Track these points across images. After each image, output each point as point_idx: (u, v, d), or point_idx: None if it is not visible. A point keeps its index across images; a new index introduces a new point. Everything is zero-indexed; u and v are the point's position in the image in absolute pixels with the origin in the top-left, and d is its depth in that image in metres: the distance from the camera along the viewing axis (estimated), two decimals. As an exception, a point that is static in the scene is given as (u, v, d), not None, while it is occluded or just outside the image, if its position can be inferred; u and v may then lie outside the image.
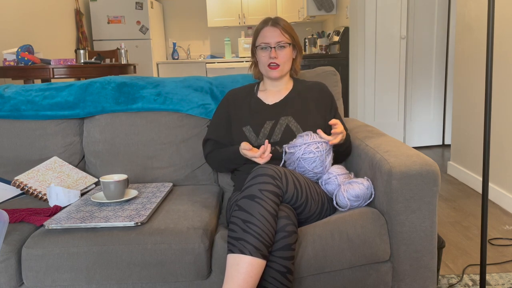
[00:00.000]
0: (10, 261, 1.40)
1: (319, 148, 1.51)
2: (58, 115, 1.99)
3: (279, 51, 1.67)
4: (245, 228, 1.25)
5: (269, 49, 1.67)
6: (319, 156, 1.51)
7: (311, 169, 1.53)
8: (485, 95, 1.65)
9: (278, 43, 1.66)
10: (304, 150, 1.52)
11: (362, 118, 4.44)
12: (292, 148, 1.55)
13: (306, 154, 1.52)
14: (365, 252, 1.40)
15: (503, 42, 2.69)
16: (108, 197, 1.57)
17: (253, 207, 1.28)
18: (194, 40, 6.76)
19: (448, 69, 4.39)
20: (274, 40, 1.66)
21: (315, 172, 1.55)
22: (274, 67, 1.68)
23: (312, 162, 1.52)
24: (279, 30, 1.66)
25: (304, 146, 1.52)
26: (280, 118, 1.68)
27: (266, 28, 1.67)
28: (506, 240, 2.31)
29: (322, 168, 1.54)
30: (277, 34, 1.66)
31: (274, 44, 1.66)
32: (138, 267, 1.39)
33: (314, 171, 1.54)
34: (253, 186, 1.32)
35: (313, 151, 1.51)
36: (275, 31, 1.66)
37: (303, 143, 1.53)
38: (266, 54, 1.68)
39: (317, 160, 1.52)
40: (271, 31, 1.66)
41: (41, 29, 4.53)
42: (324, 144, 1.53)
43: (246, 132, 1.68)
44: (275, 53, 1.66)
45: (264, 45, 1.67)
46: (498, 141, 2.78)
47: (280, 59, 1.67)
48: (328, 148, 1.54)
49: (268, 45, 1.66)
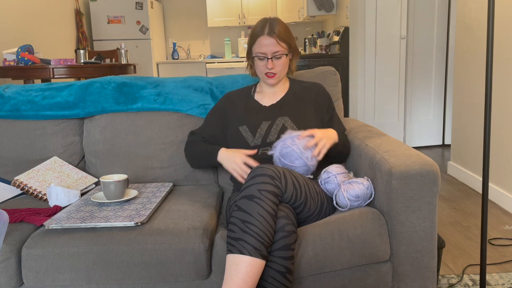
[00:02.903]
0: (10, 261, 1.40)
1: (295, 142, 1.54)
2: (58, 115, 1.99)
3: (275, 61, 1.69)
4: (244, 228, 1.26)
5: (266, 59, 1.69)
6: (295, 149, 1.53)
7: (291, 163, 1.54)
8: (485, 95, 1.65)
9: (274, 53, 1.67)
10: (281, 147, 1.55)
11: (362, 118, 4.44)
12: (273, 149, 1.59)
13: (284, 149, 1.54)
14: (365, 252, 1.41)
15: (503, 42, 2.69)
16: (108, 197, 1.57)
17: (252, 207, 1.28)
18: (194, 40, 6.76)
19: (448, 69, 4.39)
20: (270, 50, 1.66)
21: (299, 166, 1.55)
22: (271, 76, 1.71)
23: (290, 156, 1.54)
24: (275, 39, 1.66)
25: (280, 144, 1.56)
26: (277, 119, 1.70)
27: (263, 37, 1.67)
28: (506, 240, 2.31)
29: (303, 160, 1.54)
30: (273, 43, 1.66)
31: (271, 55, 1.67)
32: (138, 267, 1.39)
33: (295, 164, 1.54)
34: (252, 186, 1.32)
35: (288, 146, 1.54)
36: (271, 41, 1.66)
37: (279, 142, 1.57)
38: (263, 64, 1.70)
39: (294, 154, 1.53)
40: (267, 40, 1.66)
41: (41, 29, 4.53)
42: (300, 138, 1.55)
43: (243, 132, 1.70)
44: (272, 64, 1.68)
45: (261, 55, 1.68)
46: (498, 141, 2.78)
47: (277, 68, 1.70)
48: (306, 140, 1.55)
49: (265, 55, 1.68)
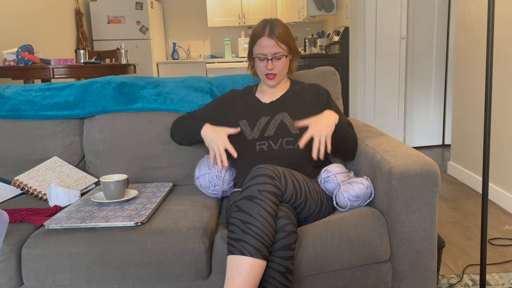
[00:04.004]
0: (10, 261, 1.40)
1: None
2: (58, 115, 1.99)
3: (275, 62, 1.71)
4: (244, 229, 1.25)
5: (266, 60, 1.71)
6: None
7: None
8: (485, 95, 1.65)
9: (274, 55, 1.69)
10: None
11: (362, 118, 4.44)
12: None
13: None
14: (365, 252, 1.40)
15: (503, 42, 2.69)
16: (108, 197, 1.57)
17: (252, 208, 1.28)
18: (194, 40, 6.76)
19: (448, 69, 4.38)
20: (271, 51, 1.69)
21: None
22: (271, 77, 1.74)
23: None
24: (275, 41, 1.68)
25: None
26: (276, 115, 1.73)
27: (263, 38, 1.69)
28: (506, 240, 2.31)
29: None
30: (273, 45, 1.68)
31: (271, 56, 1.69)
32: (138, 267, 1.39)
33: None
34: (252, 186, 1.32)
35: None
36: (271, 42, 1.68)
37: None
38: (264, 65, 1.72)
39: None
40: (267, 41, 1.68)
41: (41, 29, 4.53)
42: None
43: (242, 126, 1.73)
44: (272, 65, 1.70)
45: (261, 56, 1.71)
46: (498, 141, 2.78)
47: (277, 69, 1.72)
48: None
49: (265, 56, 1.70)
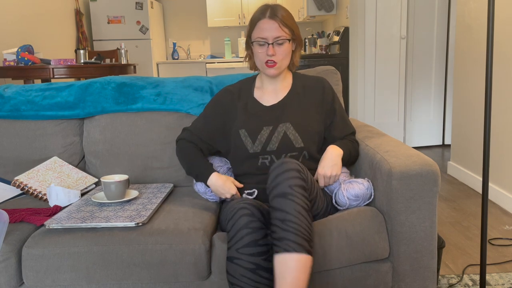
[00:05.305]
0: (10, 261, 1.40)
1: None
2: (58, 115, 1.99)
3: (277, 47, 1.52)
4: (284, 227, 1.26)
5: (266, 45, 1.52)
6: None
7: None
8: (485, 95, 1.65)
9: (276, 39, 1.51)
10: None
11: (362, 118, 4.44)
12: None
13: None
14: (364, 250, 1.41)
15: (503, 42, 2.69)
16: (108, 197, 1.57)
17: (287, 205, 1.28)
18: (194, 40, 6.76)
19: (448, 69, 4.38)
20: (272, 35, 1.50)
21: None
22: (272, 65, 1.54)
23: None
24: (278, 23, 1.50)
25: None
26: (278, 125, 1.58)
27: (264, 21, 1.51)
28: (506, 240, 2.31)
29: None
30: (275, 28, 1.50)
31: (272, 40, 1.51)
32: (139, 267, 1.39)
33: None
34: (283, 183, 1.31)
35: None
36: (273, 25, 1.50)
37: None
38: (263, 51, 1.53)
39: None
40: (269, 24, 1.50)
41: (41, 29, 4.53)
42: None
43: (242, 136, 1.59)
44: (273, 50, 1.51)
45: (261, 40, 1.52)
46: (498, 141, 2.78)
47: (278, 56, 1.53)
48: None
49: (265, 40, 1.51)
